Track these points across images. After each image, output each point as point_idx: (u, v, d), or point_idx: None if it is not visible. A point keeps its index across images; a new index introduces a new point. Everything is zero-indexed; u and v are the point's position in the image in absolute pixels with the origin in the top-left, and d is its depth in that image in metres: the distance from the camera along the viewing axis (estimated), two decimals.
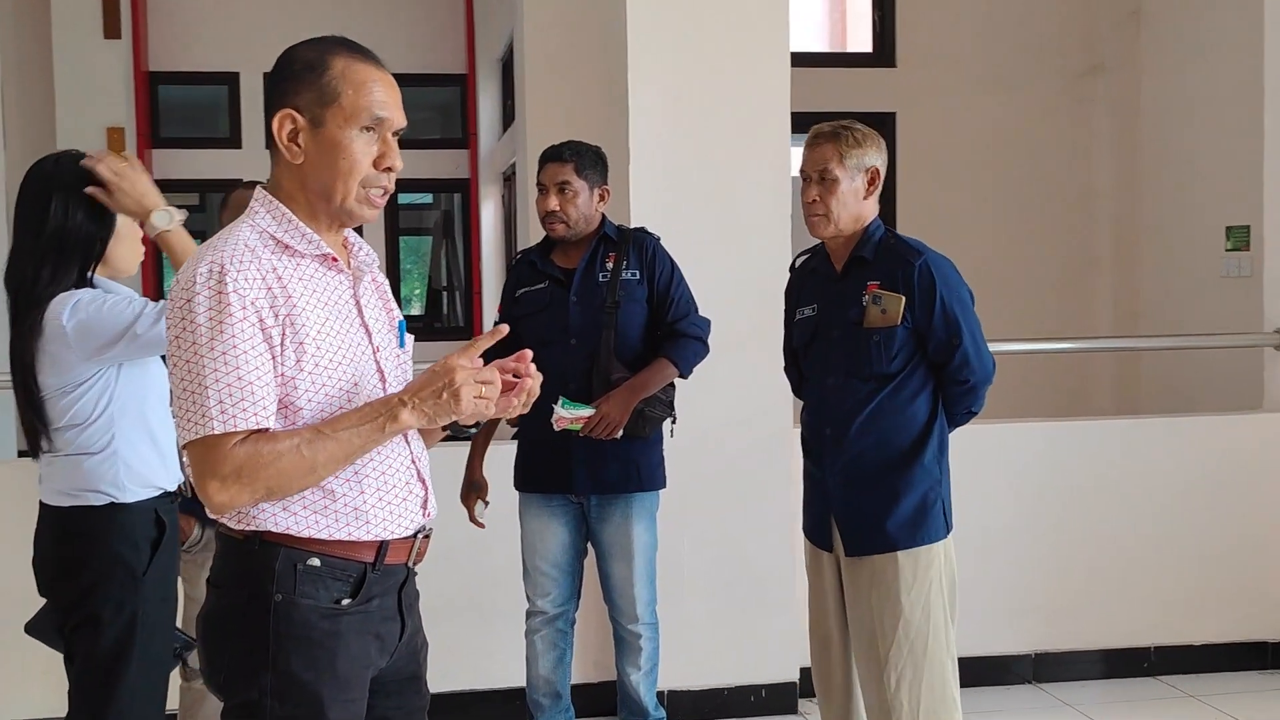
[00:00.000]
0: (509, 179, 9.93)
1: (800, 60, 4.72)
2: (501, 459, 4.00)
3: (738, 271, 4.49)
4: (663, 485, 3.88)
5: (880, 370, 3.12)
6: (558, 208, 3.78)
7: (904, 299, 3.09)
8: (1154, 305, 6.94)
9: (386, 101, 2.01)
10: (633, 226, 3.99)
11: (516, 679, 4.15)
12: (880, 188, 3.22)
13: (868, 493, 3.15)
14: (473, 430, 3.81)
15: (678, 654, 4.33)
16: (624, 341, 3.77)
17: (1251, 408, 5.29)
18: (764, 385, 4.52)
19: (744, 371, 4.46)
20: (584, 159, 3.83)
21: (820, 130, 3.19)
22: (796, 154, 4.77)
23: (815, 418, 3.27)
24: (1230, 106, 5.99)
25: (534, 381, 2.08)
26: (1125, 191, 7.17)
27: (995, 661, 4.81)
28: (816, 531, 3.29)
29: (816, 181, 3.15)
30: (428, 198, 12.32)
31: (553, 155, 3.83)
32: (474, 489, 3.93)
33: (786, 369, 3.53)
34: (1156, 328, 6.84)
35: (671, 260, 3.88)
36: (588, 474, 3.76)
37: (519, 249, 7.20)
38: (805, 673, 3.37)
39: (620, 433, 3.69)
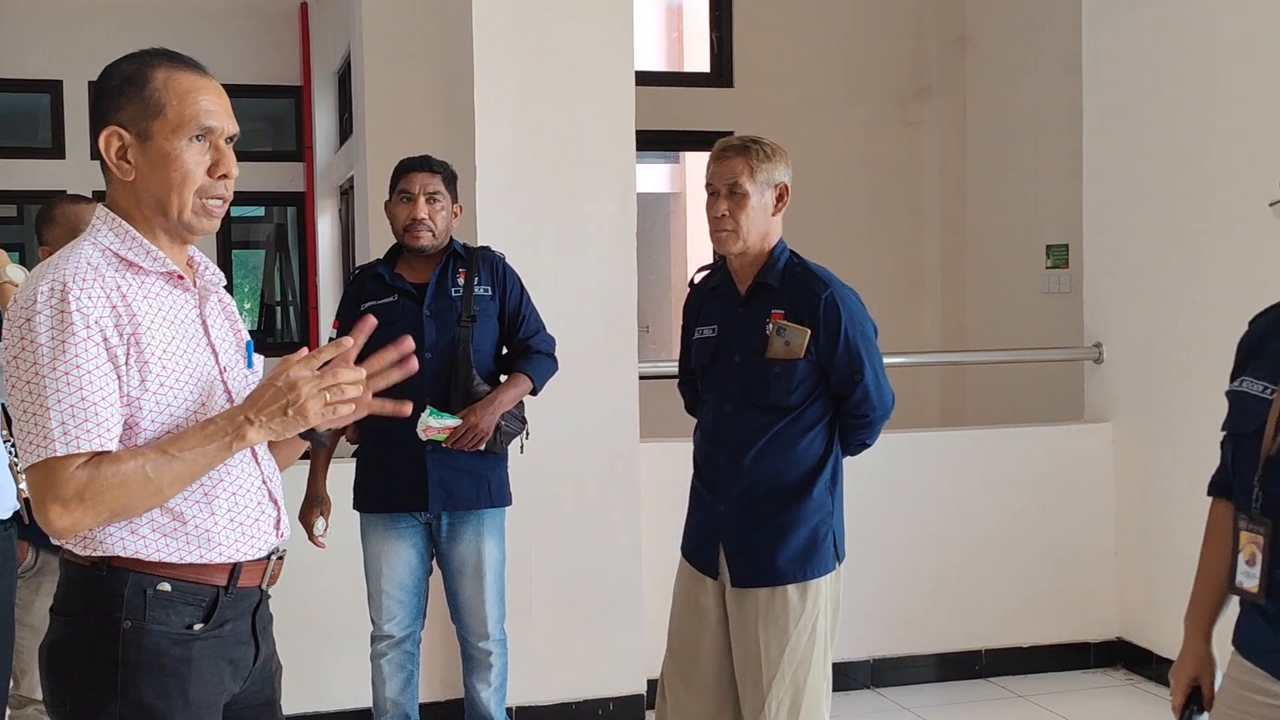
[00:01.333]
0: (346, 192, 9.80)
1: (640, 79, 4.78)
2: (335, 477, 3.91)
3: (584, 288, 4.52)
4: (510, 502, 3.87)
5: (779, 402, 3.05)
6: (427, 216, 3.74)
7: (809, 332, 3.01)
8: (980, 320, 7.21)
9: (214, 109, 1.97)
10: (478, 244, 3.98)
11: (360, 700, 4.10)
12: (787, 205, 3.15)
13: (759, 524, 3.08)
14: (325, 436, 3.70)
15: (526, 669, 4.33)
16: (479, 357, 3.75)
17: (1072, 418, 5.52)
18: (610, 401, 4.56)
19: (590, 388, 4.49)
20: (447, 172, 3.82)
21: (729, 143, 3.10)
22: (638, 171, 4.86)
23: (711, 443, 3.18)
24: (1051, 130, 6.27)
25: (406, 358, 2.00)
26: (952, 211, 7.43)
27: (836, 668, 4.88)
28: (700, 557, 3.20)
29: (726, 196, 3.04)
30: (260, 211, 12.08)
31: (421, 164, 3.79)
32: (315, 505, 3.86)
33: (681, 386, 3.44)
34: (982, 342, 7.10)
35: (520, 279, 3.88)
36: (442, 491, 3.72)
37: (356, 263, 7.11)
38: (653, 685, 3.42)
39: (484, 444, 3.68)
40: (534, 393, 3.84)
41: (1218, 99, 4.66)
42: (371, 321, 2.02)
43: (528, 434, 3.87)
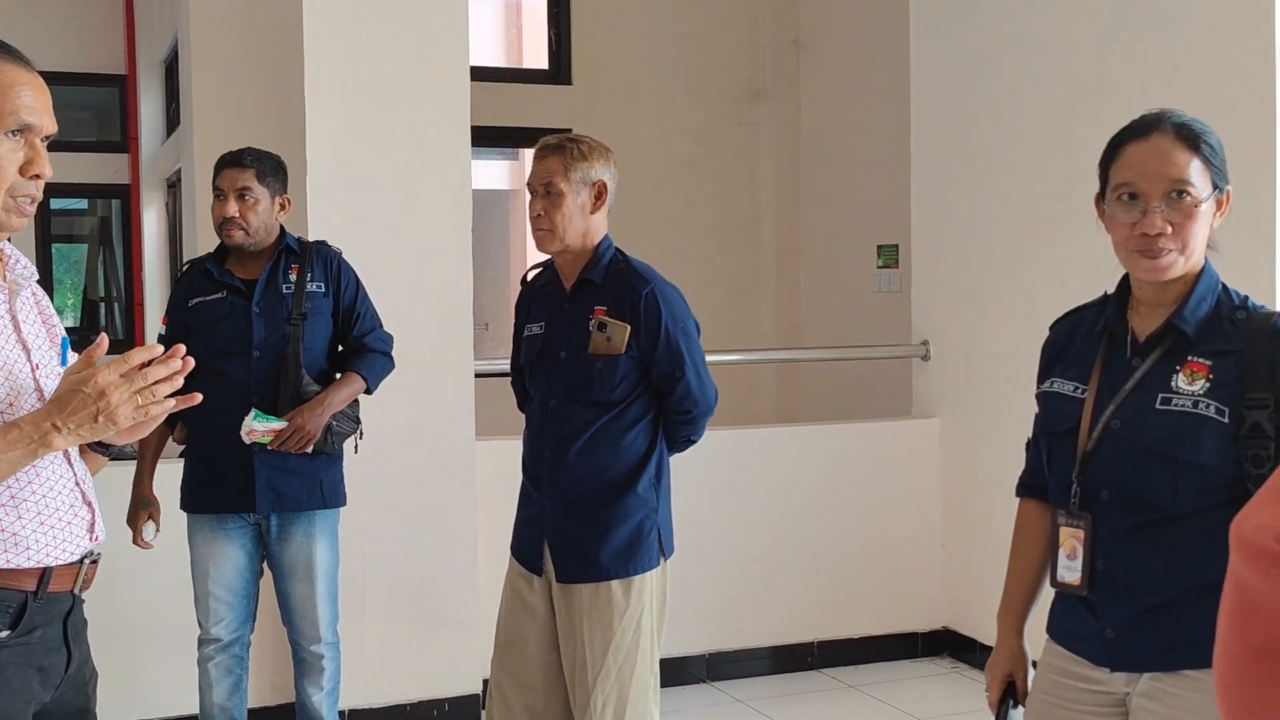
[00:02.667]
0: (174, 185, 9.52)
1: (478, 75, 4.74)
2: (162, 479, 3.80)
3: (418, 285, 4.47)
4: (344, 503, 3.81)
5: (602, 397, 3.06)
6: (237, 214, 3.65)
7: (629, 328, 3.03)
8: (814, 319, 7.34)
9: (35, 106, 1.88)
10: (312, 239, 3.90)
11: (188, 707, 3.99)
12: (609, 202, 3.14)
13: (583, 521, 3.09)
14: (130, 449, 3.61)
15: (359, 671, 4.26)
16: (310, 355, 3.68)
17: (901, 415, 5.66)
18: (446, 399, 4.52)
19: (426, 386, 4.44)
20: (265, 166, 3.71)
21: (546, 143, 3.11)
22: (476, 167, 4.82)
23: (536, 439, 3.18)
24: (882, 132, 6.42)
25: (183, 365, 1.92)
26: (787, 211, 7.55)
27: (671, 663, 4.96)
28: (527, 555, 3.20)
29: (542, 195, 3.06)
30: (83, 203, 11.65)
31: (232, 160, 3.70)
32: (143, 507, 3.74)
33: (513, 383, 3.42)
34: (816, 340, 7.23)
35: (356, 275, 3.82)
36: (270, 492, 3.64)
37: (185, 258, 6.91)
38: (487, 685, 3.40)
39: (312, 446, 3.61)
40: (369, 392, 3.78)
41: (1035, 105, 4.83)
42: (156, 349, 1.90)
43: (361, 434, 3.81)
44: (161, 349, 1.89)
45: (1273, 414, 2.00)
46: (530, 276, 3.33)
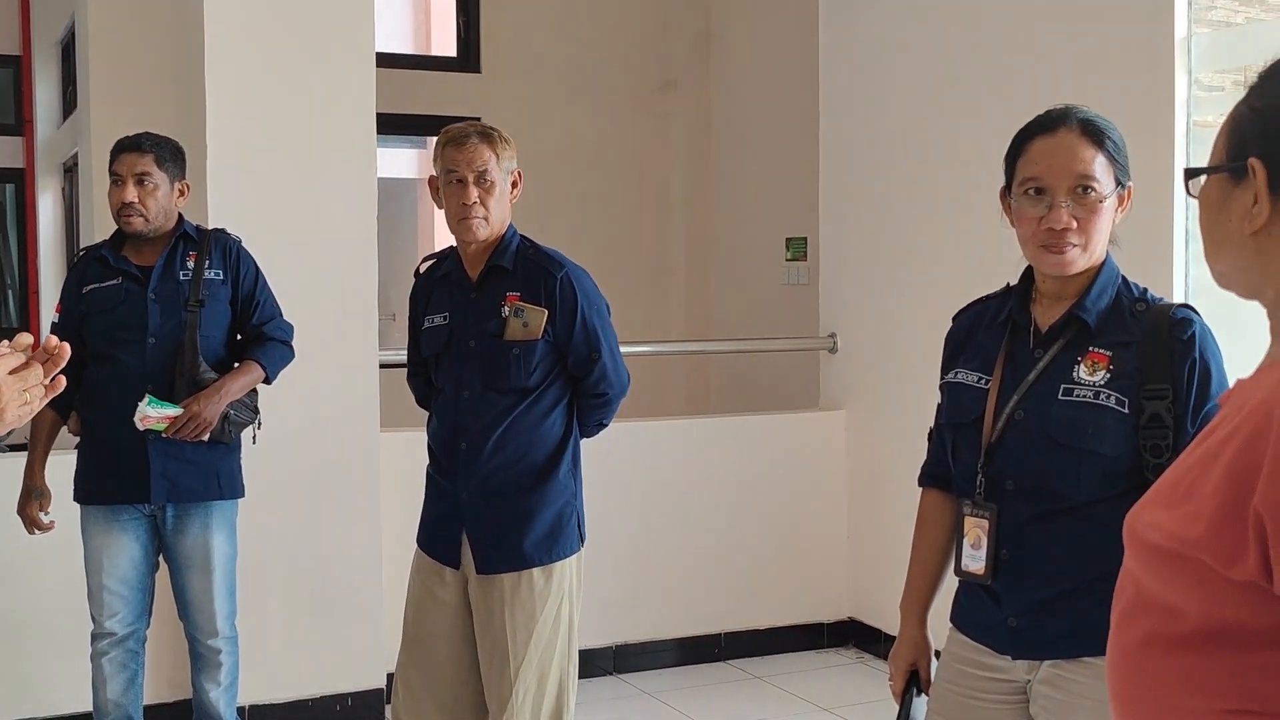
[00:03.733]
0: (70, 170, 9.30)
1: (384, 61, 4.67)
2: (55, 470, 3.70)
3: (322, 273, 4.40)
4: (242, 494, 3.74)
5: (519, 384, 3.05)
6: (136, 200, 3.58)
7: (546, 312, 3.03)
8: (723, 311, 7.36)
9: None
10: (211, 226, 3.83)
11: (81, 704, 3.89)
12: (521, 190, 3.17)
13: (503, 509, 3.07)
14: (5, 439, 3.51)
15: (260, 666, 4.19)
16: (206, 343, 3.62)
17: (808, 407, 5.70)
18: (349, 390, 4.46)
19: (328, 376, 4.38)
20: (164, 151, 3.65)
21: (467, 130, 3.08)
22: (382, 155, 4.75)
23: (449, 431, 3.13)
24: (791, 125, 6.45)
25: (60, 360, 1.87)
26: (697, 203, 7.56)
27: (579, 655, 4.94)
28: (440, 547, 3.16)
29: (475, 183, 3.03)
30: None
31: (130, 145, 3.62)
32: (34, 497, 3.64)
33: (411, 379, 3.38)
34: (725, 332, 7.25)
35: (256, 263, 3.75)
36: (165, 482, 3.57)
37: (82, 244, 6.74)
38: (392, 678, 3.36)
39: (208, 435, 3.54)
40: (268, 381, 3.72)
41: (943, 99, 4.88)
42: (66, 349, 1.84)
43: (260, 424, 3.75)
44: (31, 339, 1.83)
45: (1171, 404, 2.03)
46: (425, 269, 3.31)
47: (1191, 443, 1.24)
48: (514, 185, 3.14)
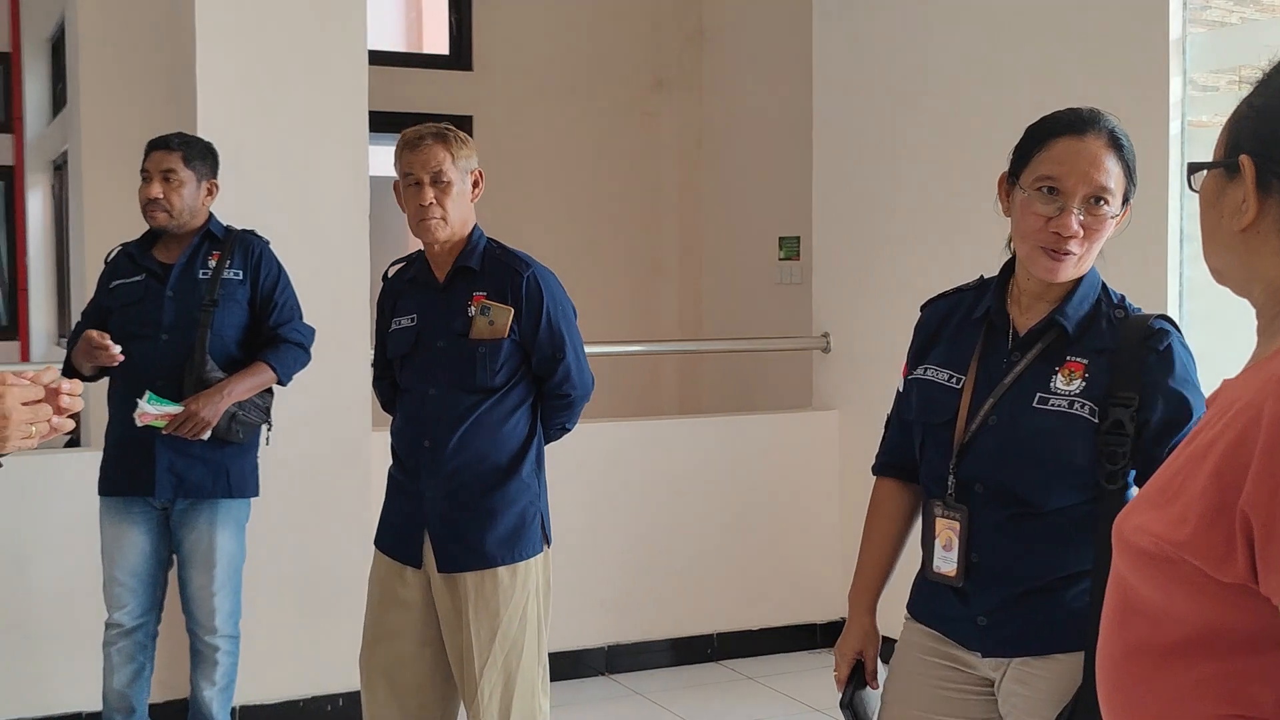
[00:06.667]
0: (60, 167, 9.26)
1: (376, 59, 4.66)
2: (82, 465, 3.79)
3: (314, 273, 4.36)
4: (254, 494, 3.77)
5: (485, 383, 3.07)
6: (161, 195, 3.64)
7: (512, 311, 3.06)
8: (716, 310, 7.35)
9: None
10: (241, 228, 3.85)
11: (89, 704, 3.96)
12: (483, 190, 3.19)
13: (467, 508, 3.09)
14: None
15: (250, 667, 4.15)
16: (219, 342, 3.65)
17: (801, 407, 5.69)
18: (340, 388, 4.44)
19: (320, 376, 4.33)
20: (192, 149, 3.72)
21: (422, 132, 3.10)
22: (374, 153, 4.73)
23: (414, 429, 3.15)
24: (784, 124, 6.44)
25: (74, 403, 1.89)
26: (689, 202, 7.55)
27: (571, 655, 4.94)
28: (401, 547, 3.17)
29: (431, 184, 3.05)
30: None
31: (160, 143, 3.71)
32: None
33: (376, 382, 3.40)
34: (718, 331, 7.24)
35: (279, 265, 3.79)
36: (172, 477, 3.61)
37: (71, 242, 6.72)
38: None
39: (208, 434, 3.55)
40: (281, 383, 3.75)
41: (937, 98, 4.87)
42: (79, 402, 1.85)
43: (271, 425, 3.77)
44: (57, 372, 1.84)
45: (1134, 413, 2.01)
46: (393, 273, 3.33)
47: (1179, 445, 1.23)
48: (475, 185, 3.15)
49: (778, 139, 6.58)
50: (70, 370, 3.55)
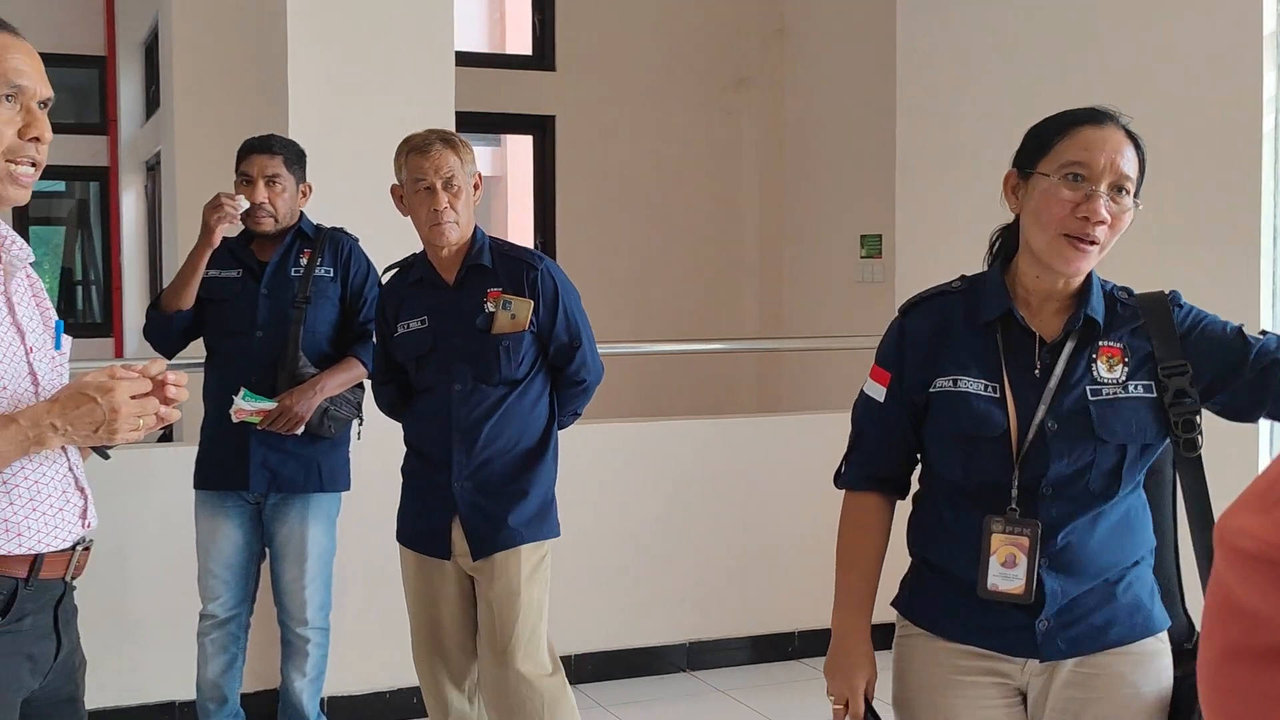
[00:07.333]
0: (153, 168, 9.46)
1: (461, 60, 4.72)
2: (175, 459, 3.88)
3: None
4: (345, 487, 3.85)
5: (509, 375, 3.18)
6: (267, 200, 3.71)
7: (532, 303, 3.16)
8: (796, 308, 7.34)
9: (25, 69, 1.87)
10: (330, 226, 3.92)
11: (176, 693, 4.03)
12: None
13: (496, 494, 3.20)
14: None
15: (337, 659, 4.24)
16: (312, 338, 3.72)
17: None
18: None
19: None
20: (291, 152, 3.79)
21: (429, 137, 3.19)
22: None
23: (440, 425, 3.23)
24: (866, 121, 6.42)
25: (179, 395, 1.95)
26: (770, 200, 7.55)
27: (651, 652, 4.97)
28: (429, 541, 3.28)
29: (444, 189, 3.14)
30: (61, 185, 11.58)
31: (261, 146, 3.75)
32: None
33: (380, 387, 3.46)
34: (798, 330, 7.24)
35: (369, 261, 3.85)
36: (266, 472, 3.68)
37: (164, 241, 6.86)
38: None
39: (301, 429, 3.62)
40: (371, 378, 3.80)
41: (1022, 95, 4.83)
42: (184, 393, 1.95)
43: (362, 420, 3.83)
44: (165, 365, 1.92)
45: (1192, 379, 2.02)
46: (391, 277, 3.41)
47: None
48: (476, 187, 3.25)
49: (859, 136, 6.57)
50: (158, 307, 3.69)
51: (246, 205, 3.66)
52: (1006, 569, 2.05)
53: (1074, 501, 2.05)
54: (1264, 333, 1.96)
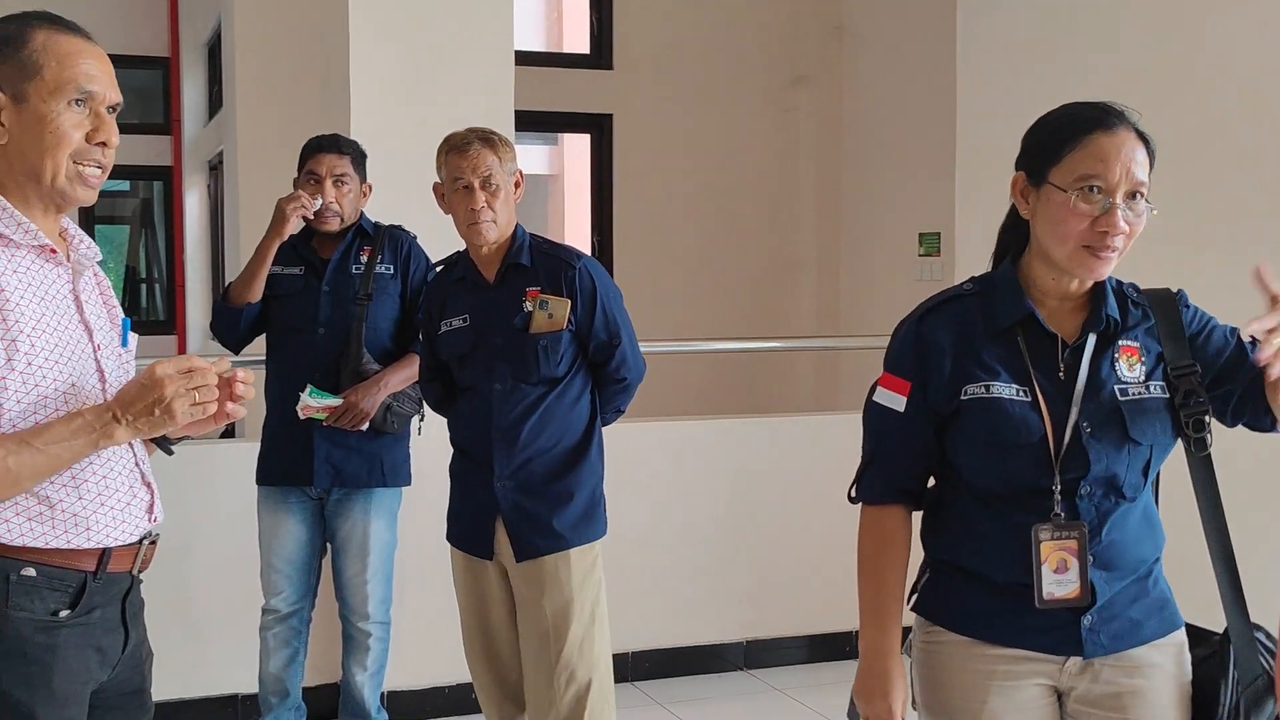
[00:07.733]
0: (215, 168, 9.58)
1: (519, 59, 4.74)
2: (238, 456, 3.92)
3: None
4: (407, 483, 3.87)
5: (549, 374, 3.15)
6: (334, 199, 3.74)
7: (569, 302, 3.14)
8: (853, 306, 7.32)
9: (95, 74, 1.91)
10: (388, 224, 3.95)
11: (244, 685, 4.10)
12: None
13: (539, 495, 3.17)
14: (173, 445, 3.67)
15: (398, 653, 4.27)
16: (374, 335, 3.74)
17: None
18: None
19: None
20: (355, 152, 3.82)
21: (468, 136, 3.18)
22: (517, 152, 4.81)
23: (481, 424, 3.21)
24: (924, 119, 6.38)
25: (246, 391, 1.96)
26: (827, 197, 7.52)
27: (708, 650, 4.97)
28: (473, 541, 3.26)
29: (481, 188, 3.13)
30: (125, 185, 11.75)
31: (329, 145, 3.79)
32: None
33: (427, 384, 3.46)
34: (856, 328, 7.21)
35: (427, 258, 3.86)
36: (329, 467, 3.71)
37: (226, 240, 6.94)
38: None
39: (367, 424, 3.65)
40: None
41: (1083, 94, 4.77)
42: (248, 389, 1.97)
43: (424, 416, 3.83)
44: (239, 370, 1.95)
45: (1200, 376, 2.05)
46: (434, 276, 3.42)
47: None
48: (516, 185, 3.23)
49: (918, 134, 6.53)
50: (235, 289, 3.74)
51: (319, 205, 3.70)
52: (1059, 575, 2.03)
53: (1108, 500, 2.06)
54: (1253, 340, 1.92)
